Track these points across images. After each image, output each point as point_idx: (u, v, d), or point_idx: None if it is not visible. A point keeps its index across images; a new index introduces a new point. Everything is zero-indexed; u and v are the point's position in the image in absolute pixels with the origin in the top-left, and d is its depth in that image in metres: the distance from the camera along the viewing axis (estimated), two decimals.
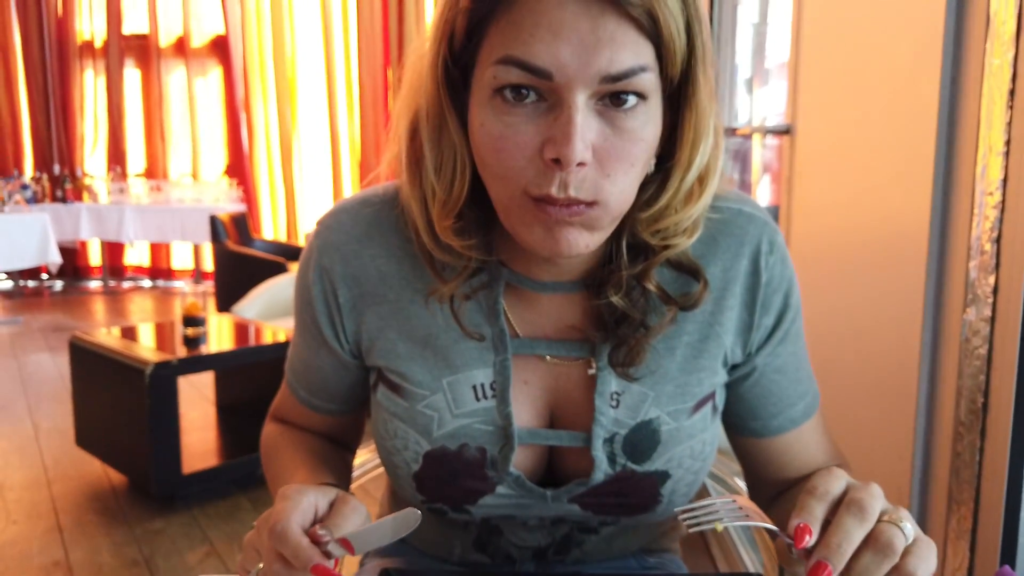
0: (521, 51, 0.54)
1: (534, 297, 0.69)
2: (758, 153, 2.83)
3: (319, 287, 0.72)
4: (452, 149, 0.62)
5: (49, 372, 4.28)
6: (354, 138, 7.18)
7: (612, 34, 0.53)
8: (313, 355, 0.76)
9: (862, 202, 1.38)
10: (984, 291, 1.00)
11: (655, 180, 0.63)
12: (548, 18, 0.53)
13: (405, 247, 0.70)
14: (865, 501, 0.52)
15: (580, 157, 0.54)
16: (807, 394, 0.75)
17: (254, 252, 4.89)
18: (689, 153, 0.61)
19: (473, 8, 0.57)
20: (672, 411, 0.69)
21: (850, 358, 1.41)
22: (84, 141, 7.29)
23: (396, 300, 0.70)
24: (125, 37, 7.15)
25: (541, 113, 0.56)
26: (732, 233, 0.69)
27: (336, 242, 0.71)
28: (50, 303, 6.45)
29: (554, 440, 0.70)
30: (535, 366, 0.70)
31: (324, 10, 7.03)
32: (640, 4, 0.53)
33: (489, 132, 0.57)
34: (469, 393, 0.69)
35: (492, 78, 0.56)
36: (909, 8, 1.20)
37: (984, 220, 0.99)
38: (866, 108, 1.35)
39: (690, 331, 0.69)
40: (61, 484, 2.79)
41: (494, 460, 0.69)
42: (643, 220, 0.63)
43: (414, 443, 0.70)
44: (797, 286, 0.72)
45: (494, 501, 0.71)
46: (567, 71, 0.53)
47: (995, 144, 0.97)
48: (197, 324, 2.82)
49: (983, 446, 1.03)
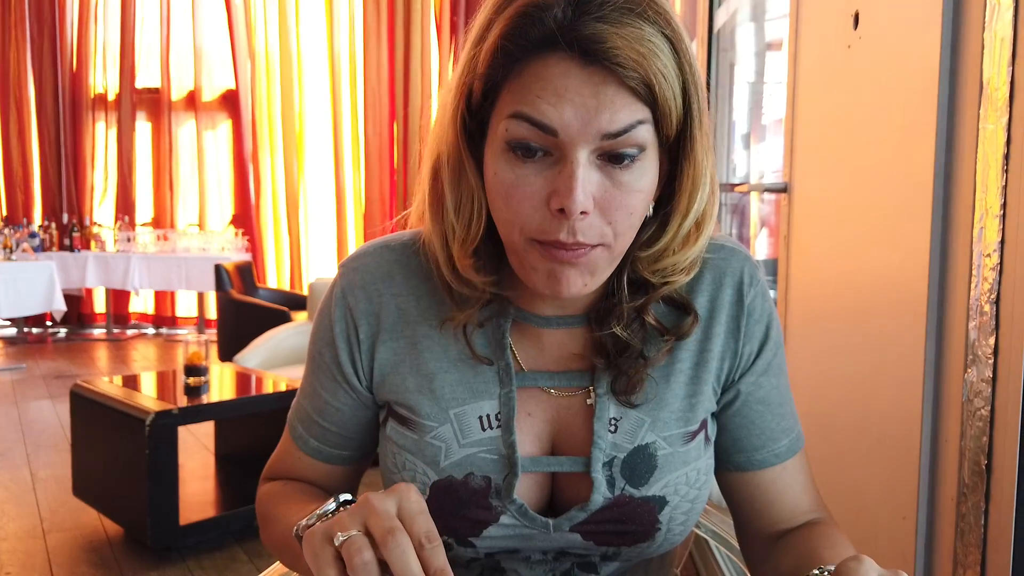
0: (530, 109, 0.60)
1: (539, 332, 0.74)
2: (755, 208, 2.86)
3: (341, 325, 0.76)
4: (470, 192, 0.67)
5: (49, 420, 4.26)
6: (359, 190, 7.27)
7: (611, 99, 0.59)
8: (331, 397, 0.79)
9: (860, 262, 1.39)
10: (984, 352, 1.01)
11: (654, 222, 0.68)
12: (554, 84, 0.59)
13: (423, 287, 0.75)
14: None
15: (582, 207, 0.60)
16: (791, 431, 0.78)
17: (258, 301, 4.91)
18: (687, 201, 0.66)
19: (488, 73, 0.62)
20: (668, 436, 0.73)
21: (852, 418, 1.41)
22: (94, 191, 7.39)
23: (411, 336, 0.75)
24: (137, 91, 7.30)
25: (548, 167, 0.61)
26: (716, 266, 0.75)
27: (360, 282, 0.76)
28: (53, 350, 6.45)
29: (555, 466, 0.73)
30: (538, 398, 0.74)
31: (332, 66, 7.19)
32: (637, 75, 0.58)
33: (502, 181, 0.63)
34: (475, 424, 0.73)
35: (505, 131, 0.61)
36: (903, 73, 1.23)
37: (983, 282, 1.00)
38: (862, 169, 1.37)
39: (683, 359, 0.74)
40: (57, 535, 2.75)
41: (498, 488, 0.72)
42: (643, 259, 0.69)
43: (422, 474, 0.73)
44: (778, 320, 0.77)
45: (498, 532, 0.73)
46: (570, 130, 0.59)
47: (992, 207, 0.99)
48: (199, 373, 2.82)
49: (988, 508, 1.02)
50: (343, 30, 7.20)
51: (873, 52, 1.34)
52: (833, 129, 1.52)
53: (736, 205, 2.88)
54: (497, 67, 0.61)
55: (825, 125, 1.56)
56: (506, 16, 0.60)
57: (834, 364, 1.51)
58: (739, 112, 2.88)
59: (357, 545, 0.54)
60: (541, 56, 0.59)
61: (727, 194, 2.82)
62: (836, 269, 1.50)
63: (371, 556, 0.53)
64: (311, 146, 7.37)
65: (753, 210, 2.89)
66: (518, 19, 0.59)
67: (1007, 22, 0.96)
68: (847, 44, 1.41)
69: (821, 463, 0.88)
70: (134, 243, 6.94)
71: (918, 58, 1.16)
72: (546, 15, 0.58)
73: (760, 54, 2.81)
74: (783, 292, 1.76)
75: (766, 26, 2.73)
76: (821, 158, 1.58)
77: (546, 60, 0.59)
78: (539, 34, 0.59)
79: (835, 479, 1.40)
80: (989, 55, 0.99)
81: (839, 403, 1.47)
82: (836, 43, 1.46)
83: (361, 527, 0.55)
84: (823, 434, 1.48)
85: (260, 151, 7.31)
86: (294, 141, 7.27)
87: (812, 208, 1.62)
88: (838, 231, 1.48)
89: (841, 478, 1.40)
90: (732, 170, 2.94)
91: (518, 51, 0.59)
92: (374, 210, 7.18)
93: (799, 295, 1.69)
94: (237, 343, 4.21)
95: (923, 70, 1.14)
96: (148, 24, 7.27)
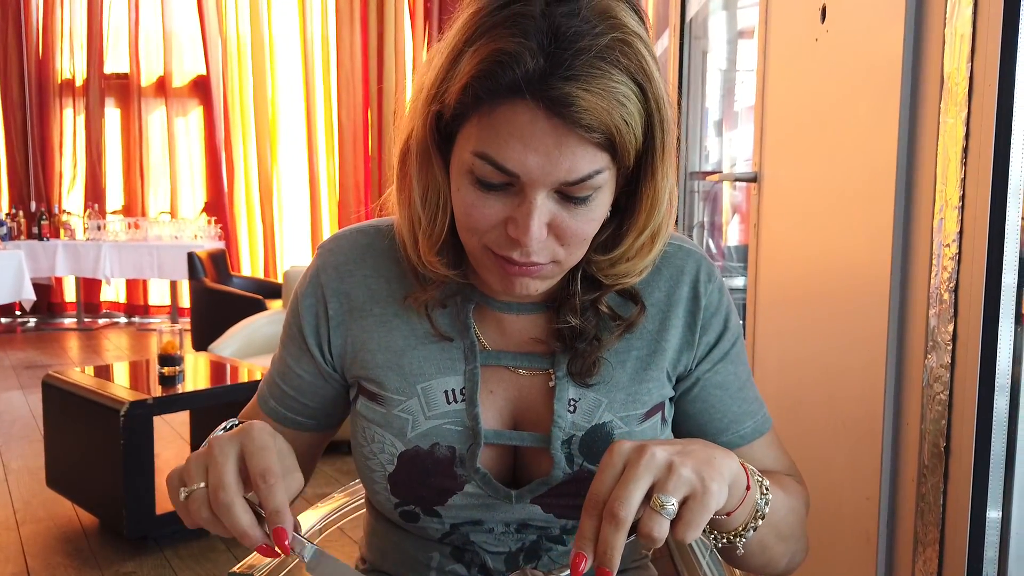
0: (495, 152, 0.62)
1: (501, 316, 0.79)
2: (727, 195, 2.89)
3: (312, 299, 0.81)
4: (436, 186, 0.70)
5: (20, 411, 4.21)
6: (333, 177, 7.22)
7: (573, 150, 0.61)
8: (294, 363, 0.83)
9: (826, 251, 1.42)
10: (944, 338, 1.04)
11: (611, 225, 0.71)
12: (521, 131, 0.61)
13: (394, 270, 0.79)
14: (616, 508, 0.55)
15: (536, 240, 0.64)
16: (755, 415, 0.82)
17: (232, 289, 4.87)
18: (644, 219, 0.70)
19: (457, 104, 0.63)
20: (624, 416, 0.77)
21: (818, 402, 1.45)
22: (62, 178, 7.26)
23: (381, 314, 0.79)
24: (106, 76, 7.17)
25: (508, 196, 0.65)
26: (673, 264, 0.79)
27: (334, 262, 0.80)
28: (23, 340, 6.36)
29: (517, 440, 0.77)
30: (500, 376, 0.78)
31: (304, 51, 7.12)
32: (601, 132, 0.60)
33: (463, 198, 0.66)
34: (441, 397, 0.77)
35: (470, 164, 0.64)
36: (868, 67, 1.26)
37: (942, 271, 1.04)
38: (829, 160, 1.40)
39: (639, 346, 0.78)
40: (31, 526, 2.74)
41: (462, 458, 0.76)
42: (598, 263, 0.73)
43: (390, 445, 0.77)
44: (735, 313, 0.82)
45: (462, 501, 0.77)
46: (531, 175, 0.62)
47: (951, 199, 1.02)
48: (174, 363, 2.81)
49: (946, 489, 1.06)
50: (316, 15, 7.13)
51: (839, 46, 1.37)
52: (801, 121, 1.55)
53: (709, 192, 2.91)
54: (467, 102, 0.62)
55: (794, 117, 1.59)
56: (478, 55, 0.61)
57: (801, 350, 1.55)
58: (712, 99, 2.91)
59: (197, 504, 0.59)
60: (510, 102, 0.60)
61: (699, 181, 2.85)
62: (803, 258, 1.53)
63: (208, 514, 0.59)
64: (284, 132, 7.30)
65: (725, 197, 2.93)
66: (490, 64, 0.60)
67: (967, 19, 0.99)
68: (815, 37, 1.44)
69: (789, 446, 0.91)
70: (104, 231, 6.85)
71: (882, 53, 1.19)
72: (517, 66, 0.59)
73: (732, 42, 2.84)
74: (752, 279, 1.80)
75: (738, 14, 2.76)
76: (790, 149, 1.61)
77: (515, 107, 0.60)
78: (509, 81, 0.59)
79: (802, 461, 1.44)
80: (950, 51, 1.02)
81: (805, 388, 1.51)
82: (804, 37, 1.49)
83: (204, 476, 0.59)
84: (790, 417, 1.52)
85: (232, 137, 7.23)
86: (267, 127, 7.20)
87: (781, 198, 1.65)
88: (805, 220, 1.51)
89: (808, 460, 1.44)
90: (705, 157, 2.97)
91: (487, 95, 0.61)
92: (348, 197, 7.14)
93: (768, 282, 1.72)
94: (211, 332, 4.18)
95: (887, 65, 1.17)
96: (116, 8, 7.13)
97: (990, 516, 1.01)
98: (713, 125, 2.98)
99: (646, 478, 0.56)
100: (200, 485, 0.59)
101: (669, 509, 0.55)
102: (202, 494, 0.59)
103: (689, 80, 2.78)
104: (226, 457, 0.59)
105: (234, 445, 0.60)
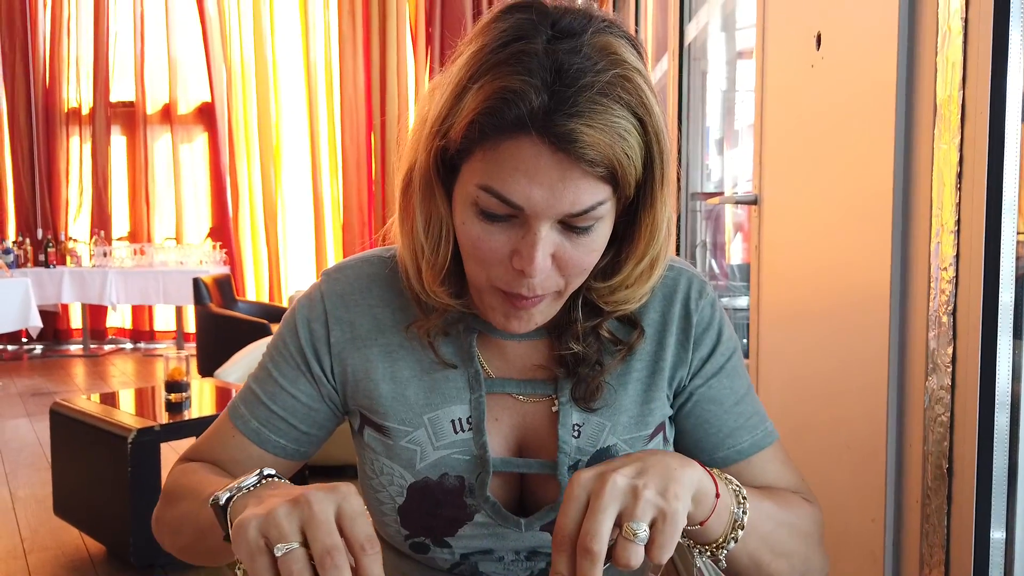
0: (500, 186, 0.64)
1: (503, 343, 0.79)
2: (730, 214, 2.91)
3: (314, 324, 0.80)
4: (439, 217, 0.70)
5: (27, 438, 4.22)
6: (337, 201, 7.27)
7: (577, 183, 0.63)
8: (289, 384, 0.80)
9: (826, 274, 1.44)
10: (943, 360, 1.05)
11: (610, 253, 0.72)
12: (525, 164, 0.62)
13: (398, 300, 0.80)
14: (589, 543, 0.55)
15: (541, 272, 0.65)
16: (755, 429, 0.81)
17: (237, 314, 4.89)
18: (644, 247, 0.71)
19: (462, 139, 0.64)
20: (628, 439, 0.78)
21: (822, 424, 1.46)
22: (68, 206, 7.31)
23: (386, 344, 0.79)
24: (112, 105, 7.24)
25: (512, 228, 0.66)
26: (666, 284, 0.80)
27: (339, 290, 0.80)
28: (29, 367, 6.38)
29: (524, 468, 0.78)
30: (504, 404, 0.79)
31: (308, 77, 7.19)
32: (604, 166, 0.62)
33: (468, 232, 0.67)
34: (448, 427, 0.77)
35: (475, 196, 0.65)
36: (863, 94, 1.28)
37: (940, 294, 1.05)
38: (827, 184, 1.42)
39: (639, 368, 0.79)
40: (38, 554, 2.74)
41: (472, 487, 0.76)
42: (598, 290, 0.74)
43: (399, 477, 0.77)
44: (730, 328, 0.82)
45: (472, 531, 0.77)
46: (536, 208, 0.63)
47: (947, 223, 1.03)
48: (180, 389, 2.82)
49: (950, 510, 1.06)
50: (319, 41, 7.20)
51: (835, 73, 1.39)
52: (799, 146, 1.57)
53: (711, 211, 2.93)
54: (472, 137, 0.63)
55: (792, 142, 1.61)
56: (483, 92, 0.62)
57: (803, 372, 1.55)
58: (712, 119, 2.94)
59: (297, 564, 0.54)
60: (515, 138, 0.62)
61: (701, 201, 2.87)
62: (803, 280, 1.54)
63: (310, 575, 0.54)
64: (288, 158, 7.35)
65: (727, 216, 2.95)
66: (495, 101, 0.61)
67: (957, 47, 1.01)
68: (811, 64, 1.46)
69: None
70: (110, 258, 6.88)
71: (877, 80, 1.21)
72: (522, 103, 0.60)
73: (731, 63, 2.88)
74: (755, 300, 1.81)
75: (736, 35, 2.79)
76: (788, 173, 1.63)
77: (519, 142, 0.62)
78: (514, 118, 0.61)
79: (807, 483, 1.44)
80: (942, 78, 1.04)
81: (809, 409, 1.52)
82: (800, 63, 1.51)
83: (299, 533, 0.55)
84: (794, 438, 1.52)
85: (237, 163, 7.28)
86: (271, 153, 7.25)
87: (781, 220, 1.67)
88: (805, 243, 1.53)
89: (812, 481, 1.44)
90: (707, 176, 2.99)
91: (492, 131, 0.62)
92: (352, 221, 7.18)
93: (770, 304, 1.74)
94: (217, 357, 4.19)
95: (881, 92, 1.19)
96: (122, 37, 7.22)
97: (994, 536, 1.02)
98: (714, 144, 3.01)
99: (612, 507, 0.56)
100: (296, 544, 0.54)
101: (641, 536, 0.56)
102: (302, 554, 0.54)
103: (689, 101, 2.81)
104: (329, 518, 0.55)
105: (332, 505, 0.56)
